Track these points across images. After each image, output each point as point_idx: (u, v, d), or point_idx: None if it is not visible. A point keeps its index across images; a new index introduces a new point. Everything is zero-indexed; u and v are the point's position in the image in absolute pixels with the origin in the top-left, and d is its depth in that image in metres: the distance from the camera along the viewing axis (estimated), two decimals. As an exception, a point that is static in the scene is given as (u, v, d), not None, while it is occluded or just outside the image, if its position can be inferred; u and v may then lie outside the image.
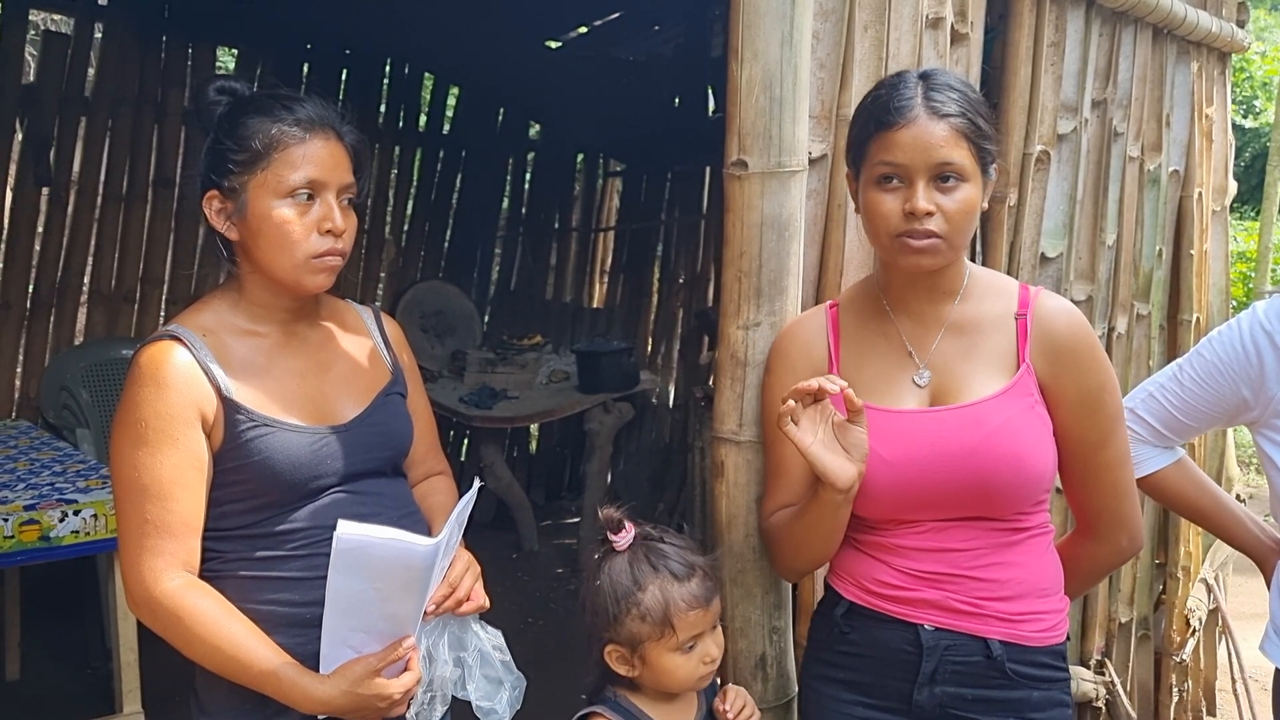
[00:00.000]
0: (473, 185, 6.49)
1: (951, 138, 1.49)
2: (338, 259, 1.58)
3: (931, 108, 1.50)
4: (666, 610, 1.57)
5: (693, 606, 1.59)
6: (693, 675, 1.61)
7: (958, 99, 1.51)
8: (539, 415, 5.23)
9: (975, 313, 1.62)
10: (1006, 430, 1.54)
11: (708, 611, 1.61)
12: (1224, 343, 1.85)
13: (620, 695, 1.66)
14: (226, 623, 1.48)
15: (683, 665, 1.60)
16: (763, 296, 1.78)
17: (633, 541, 1.64)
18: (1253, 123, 11.83)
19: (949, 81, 1.53)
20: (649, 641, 1.59)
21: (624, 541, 1.64)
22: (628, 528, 1.64)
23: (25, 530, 2.74)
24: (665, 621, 1.57)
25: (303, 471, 1.55)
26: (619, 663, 1.63)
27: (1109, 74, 2.70)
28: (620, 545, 1.64)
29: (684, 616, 1.58)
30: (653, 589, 1.59)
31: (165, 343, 1.53)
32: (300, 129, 1.54)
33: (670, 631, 1.58)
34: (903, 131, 1.50)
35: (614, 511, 1.65)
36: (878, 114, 1.53)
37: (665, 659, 1.60)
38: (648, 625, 1.58)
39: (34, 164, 4.76)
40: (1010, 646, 1.57)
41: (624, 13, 5.28)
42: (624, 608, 1.59)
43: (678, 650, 1.59)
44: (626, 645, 1.61)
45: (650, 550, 1.63)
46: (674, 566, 1.61)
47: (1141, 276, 2.96)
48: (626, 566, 1.61)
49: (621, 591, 1.60)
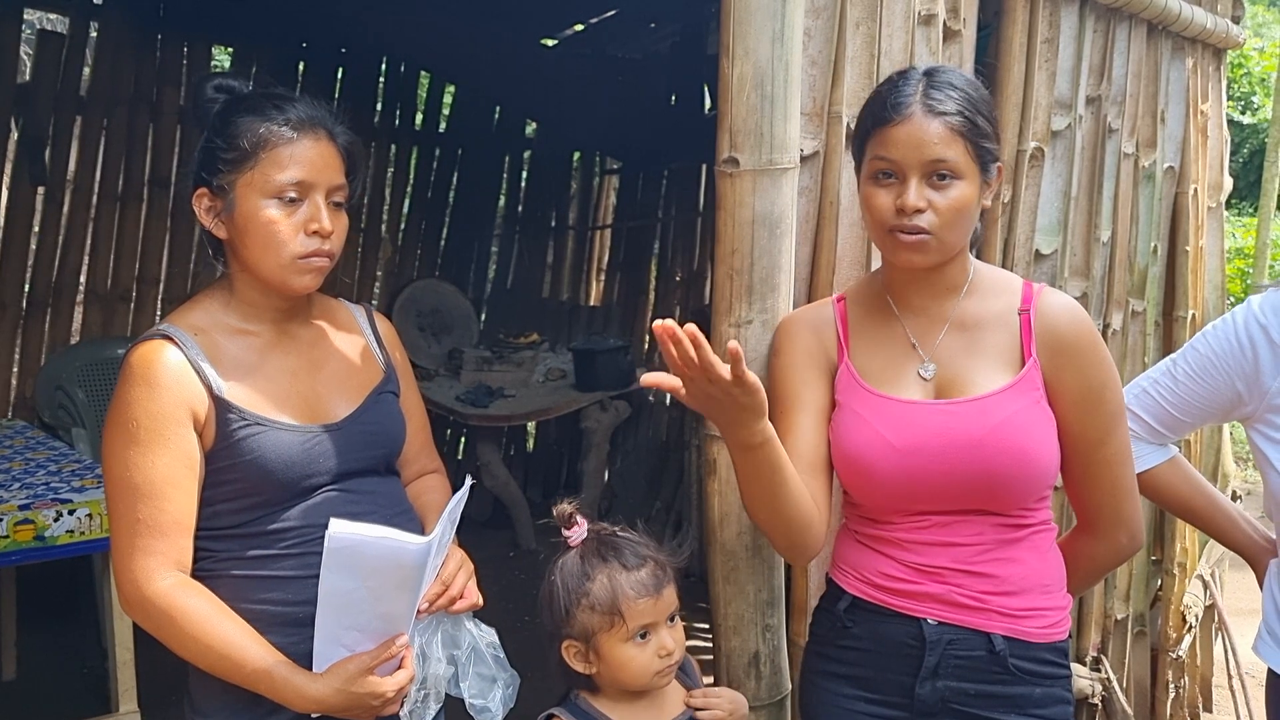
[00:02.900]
0: (469, 183, 6.49)
1: (947, 136, 1.50)
2: (325, 260, 1.57)
3: (929, 105, 1.51)
4: (614, 599, 1.57)
5: (641, 595, 1.58)
6: (648, 669, 1.60)
7: (957, 97, 1.52)
8: (536, 413, 5.22)
9: (979, 309, 1.63)
10: (1013, 424, 1.54)
11: (658, 600, 1.60)
12: (1218, 337, 1.85)
13: (581, 698, 1.65)
14: (219, 622, 1.48)
15: (636, 657, 1.59)
16: (754, 294, 1.78)
17: (586, 536, 1.64)
18: (1250, 118, 11.84)
19: (951, 80, 1.54)
20: (601, 633, 1.58)
21: (577, 536, 1.64)
22: (580, 522, 1.64)
23: (20, 530, 2.74)
24: (614, 609, 1.57)
25: (295, 470, 1.55)
26: (576, 659, 1.62)
27: (1103, 70, 2.70)
28: (573, 540, 1.64)
29: (632, 604, 1.57)
30: (601, 578, 1.59)
31: (156, 342, 1.53)
32: (290, 129, 1.54)
33: (620, 620, 1.57)
34: (898, 128, 1.51)
35: (566, 506, 1.65)
36: (877, 110, 1.55)
37: (618, 650, 1.59)
38: (597, 615, 1.58)
39: (29, 163, 4.76)
40: (1013, 642, 1.58)
41: (620, 10, 5.28)
42: (574, 599, 1.59)
43: (629, 641, 1.58)
44: (580, 639, 1.60)
45: (602, 544, 1.63)
46: (624, 557, 1.61)
47: (1136, 273, 2.96)
48: (578, 560, 1.62)
49: (572, 584, 1.60)
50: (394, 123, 6.11)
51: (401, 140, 6.20)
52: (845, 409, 1.63)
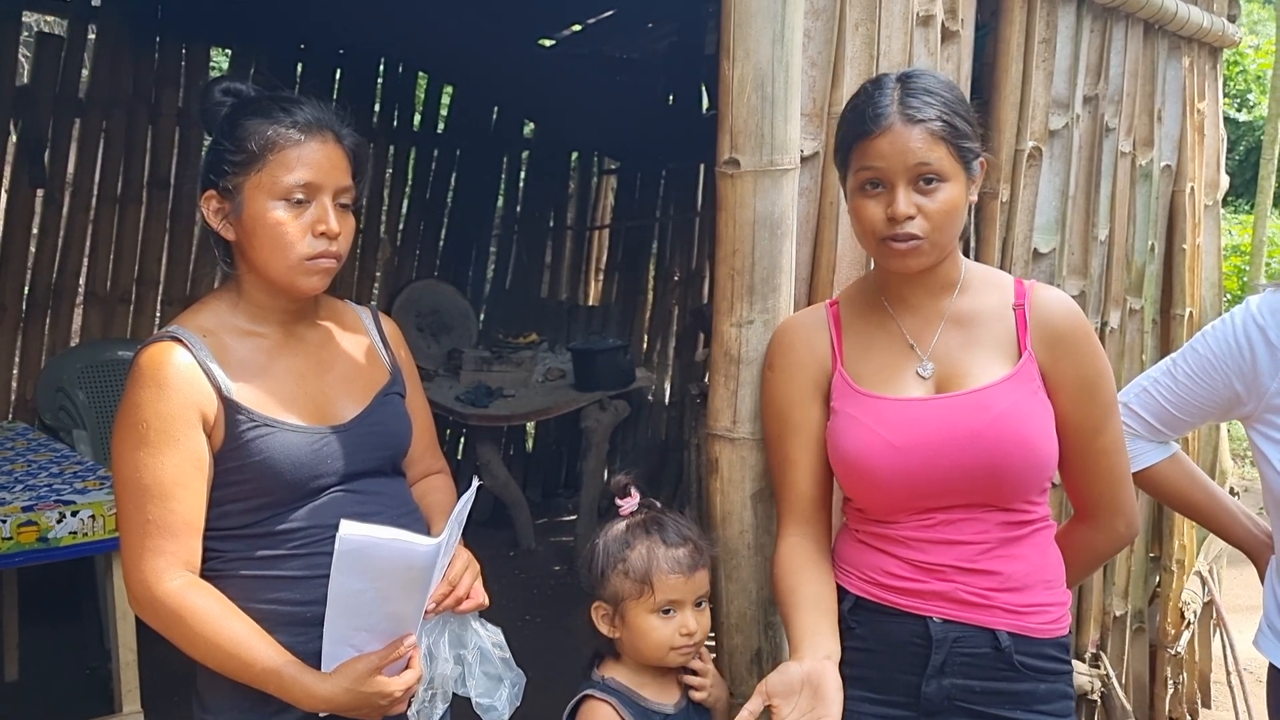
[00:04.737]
0: (467, 184, 6.49)
1: (928, 141, 1.51)
2: (332, 261, 1.58)
3: (907, 114, 1.52)
4: (648, 569, 1.66)
5: (674, 570, 1.67)
6: (666, 642, 1.67)
7: (934, 102, 1.53)
8: (535, 413, 5.23)
9: (974, 305, 1.65)
10: (1013, 415, 1.56)
11: (689, 580, 1.68)
12: (1217, 337, 1.86)
13: (608, 677, 1.73)
14: (228, 621, 1.49)
15: (659, 628, 1.67)
16: (755, 294, 1.79)
17: (637, 509, 1.74)
18: (1246, 116, 11.87)
19: (926, 85, 1.55)
20: (629, 600, 1.67)
21: (629, 506, 1.74)
22: (634, 494, 1.74)
23: (23, 531, 2.74)
24: (645, 579, 1.66)
25: (303, 471, 1.56)
26: (602, 621, 1.71)
27: (1100, 70, 2.71)
28: (625, 510, 1.73)
29: (664, 578, 1.66)
30: (640, 548, 1.68)
31: (165, 343, 1.54)
32: (297, 131, 1.55)
33: (649, 591, 1.66)
34: (880, 139, 1.53)
35: (624, 478, 1.75)
36: (856, 122, 1.56)
37: (642, 619, 1.67)
38: (629, 582, 1.67)
39: (29, 166, 4.76)
40: (1018, 638, 1.59)
41: (618, 11, 5.28)
42: (612, 563, 1.69)
43: (655, 613, 1.67)
44: (610, 603, 1.70)
45: (650, 519, 1.73)
46: (666, 534, 1.70)
47: (1134, 271, 2.97)
48: (623, 529, 1.72)
49: (613, 549, 1.70)
50: (392, 123, 6.11)
51: (400, 141, 6.20)
52: (841, 415, 1.64)
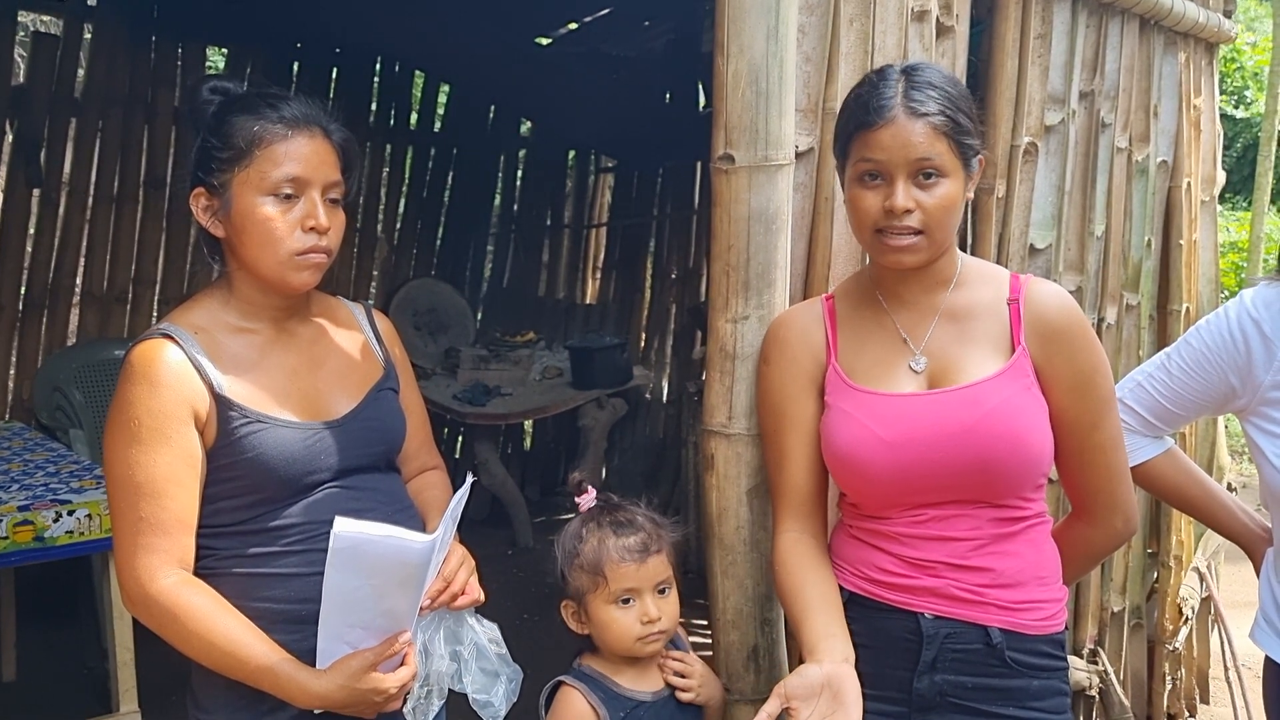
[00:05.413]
0: (464, 183, 6.49)
1: (930, 136, 1.51)
2: (322, 256, 1.58)
3: (910, 107, 1.52)
4: (600, 561, 1.67)
5: (624, 559, 1.67)
6: (629, 633, 1.68)
7: (938, 96, 1.53)
8: (533, 412, 5.23)
9: (968, 300, 1.64)
10: (1004, 410, 1.55)
11: (642, 566, 1.68)
12: (1212, 331, 1.86)
13: (585, 665, 1.74)
14: (222, 619, 1.49)
15: (619, 619, 1.68)
16: (751, 290, 1.79)
17: (593, 504, 1.75)
18: (1244, 113, 11.86)
19: (930, 79, 1.55)
20: (589, 594, 1.69)
21: (586, 503, 1.75)
22: (589, 490, 1.76)
23: (19, 531, 2.74)
24: (598, 571, 1.67)
25: (296, 467, 1.56)
26: (573, 619, 1.73)
27: (1096, 65, 2.71)
28: (584, 506, 1.75)
29: (615, 567, 1.67)
30: (592, 541, 1.70)
31: (157, 340, 1.53)
32: (284, 126, 1.55)
33: (603, 582, 1.67)
34: (882, 131, 1.52)
35: (578, 475, 1.79)
36: (859, 113, 1.56)
37: (603, 611, 1.68)
38: (585, 575, 1.68)
39: (24, 165, 4.76)
40: (1010, 634, 1.58)
41: (614, 9, 5.27)
42: (569, 560, 1.71)
43: (613, 603, 1.68)
44: (574, 600, 1.71)
45: (605, 511, 1.74)
46: (617, 524, 1.71)
47: (1130, 267, 2.97)
48: (579, 524, 1.73)
49: (569, 546, 1.72)
50: (389, 122, 6.11)
51: (396, 140, 6.20)
52: (834, 409, 1.63)
